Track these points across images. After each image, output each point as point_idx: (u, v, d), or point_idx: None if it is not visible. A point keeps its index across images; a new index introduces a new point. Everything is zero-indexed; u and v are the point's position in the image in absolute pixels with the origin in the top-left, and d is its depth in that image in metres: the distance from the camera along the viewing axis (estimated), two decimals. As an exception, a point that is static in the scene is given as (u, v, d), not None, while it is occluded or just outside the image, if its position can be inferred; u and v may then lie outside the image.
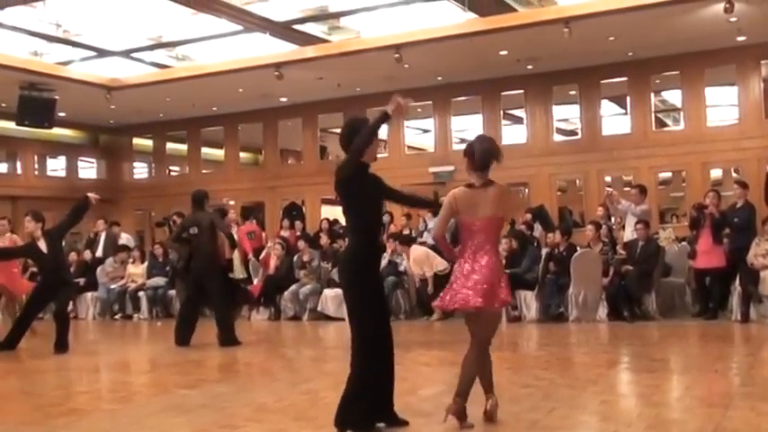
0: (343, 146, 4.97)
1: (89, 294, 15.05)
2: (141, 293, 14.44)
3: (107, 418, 5.71)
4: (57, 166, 22.33)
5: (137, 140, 22.43)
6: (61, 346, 9.37)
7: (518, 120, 18.65)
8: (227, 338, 9.46)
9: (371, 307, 4.84)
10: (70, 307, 15.15)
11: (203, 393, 6.55)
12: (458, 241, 5.04)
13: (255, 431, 4.95)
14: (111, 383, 7.82)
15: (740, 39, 14.57)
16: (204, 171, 21.43)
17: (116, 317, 14.59)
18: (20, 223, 18.88)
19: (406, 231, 14.07)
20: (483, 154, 4.85)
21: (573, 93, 17.18)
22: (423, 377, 7.01)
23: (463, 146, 5.04)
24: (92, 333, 13.28)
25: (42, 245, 9.55)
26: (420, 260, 12.31)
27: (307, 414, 5.46)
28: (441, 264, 11.91)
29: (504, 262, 11.88)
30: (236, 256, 13.06)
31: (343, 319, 12.40)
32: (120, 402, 6.37)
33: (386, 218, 15.36)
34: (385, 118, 4.79)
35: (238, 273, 13.06)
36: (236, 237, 11.93)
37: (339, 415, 4.77)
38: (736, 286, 10.35)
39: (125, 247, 15.45)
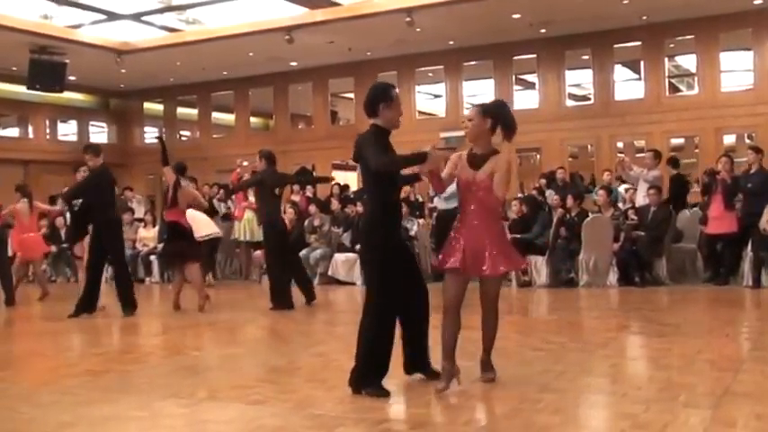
0: (367, 110, 4.94)
1: (101, 258, 15.17)
2: (153, 257, 14.51)
3: (120, 378, 5.77)
4: (68, 131, 22.38)
5: (147, 105, 22.43)
6: None
7: (530, 85, 18.52)
8: None
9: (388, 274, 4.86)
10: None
11: (215, 355, 6.61)
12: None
13: (268, 392, 4.98)
14: (123, 345, 7.88)
15: (757, 2, 14.40)
16: (215, 136, 21.45)
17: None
18: (33, 187, 18.89)
19: (411, 197, 14.03)
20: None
21: (586, 57, 17.04)
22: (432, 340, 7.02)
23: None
24: (104, 296, 13.34)
25: None
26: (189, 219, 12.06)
27: (318, 376, 5.49)
28: (204, 230, 11.83)
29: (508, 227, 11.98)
30: (252, 218, 13.10)
31: (354, 284, 12.50)
32: (133, 363, 6.42)
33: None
34: (422, 160, 4.72)
35: (257, 236, 13.06)
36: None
37: (353, 377, 4.80)
38: (748, 252, 10.31)
39: (129, 209, 15.54)
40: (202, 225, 11.95)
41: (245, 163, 11.51)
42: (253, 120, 21.59)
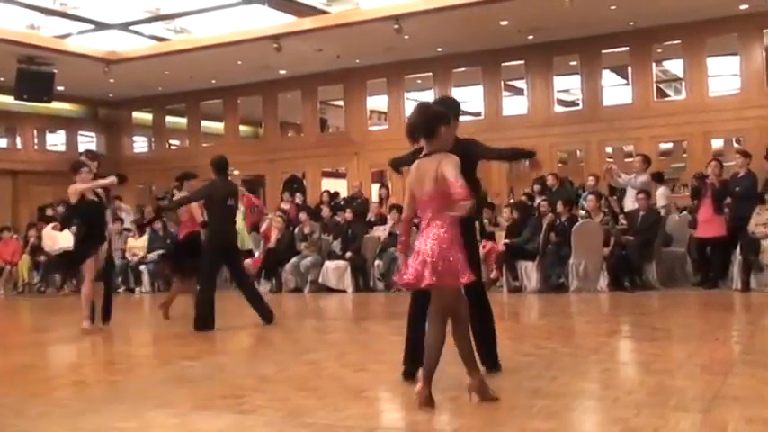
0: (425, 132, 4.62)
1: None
2: (143, 267, 14.48)
3: (111, 389, 5.74)
4: (56, 141, 22.29)
5: (136, 114, 22.37)
6: None
7: (519, 91, 18.57)
8: None
9: None
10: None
11: (206, 364, 6.58)
12: None
13: (258, 401, 4.96)
14: (114, 355, 7.84)
15: (743, 7, 14.47)
16: (204, 144, 21.38)
17: (118, 290, 14.63)
18: (22, 198, 18.84)
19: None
20: (408, 127, 4.71)
21: (574, 63, 17.08)
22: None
23: (463, 117, 4.96)
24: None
25: None
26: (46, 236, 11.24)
27: (309, 384, 5.47)
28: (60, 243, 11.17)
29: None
30: (242, 227, 13.10)
31: (344, 291, 12.48)
32: (123, 374, 6.40)
33: (383, 191, 15.42)
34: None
35: (247, 244, 13.05)
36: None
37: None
38: (737, 255, 10.37)
39: (118, 219, 15.46)
40: (60, 239, 11.17)
41: (236, 172, 11.50)
42: (242, 128, 21.55)
